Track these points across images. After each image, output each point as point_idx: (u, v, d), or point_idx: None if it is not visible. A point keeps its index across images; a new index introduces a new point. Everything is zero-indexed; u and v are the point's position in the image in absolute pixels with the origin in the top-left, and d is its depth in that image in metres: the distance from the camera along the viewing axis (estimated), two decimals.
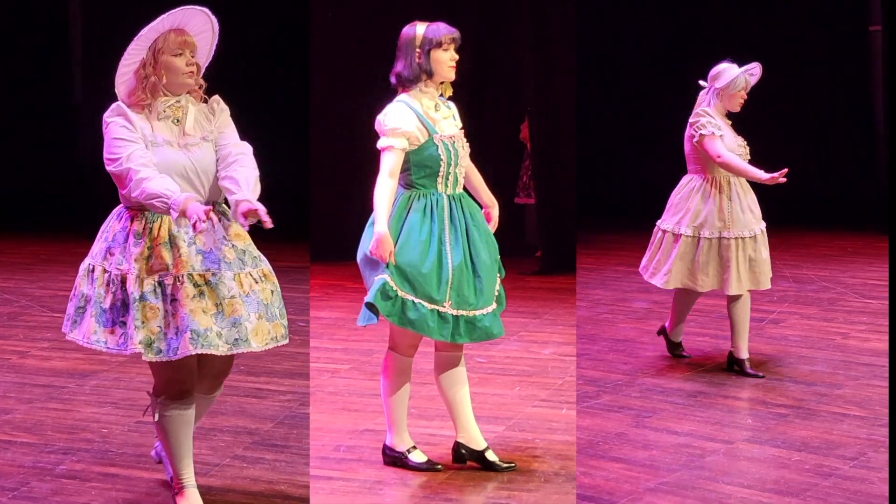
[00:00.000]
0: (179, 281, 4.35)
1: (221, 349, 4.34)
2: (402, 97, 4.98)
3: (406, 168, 4.96)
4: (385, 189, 4.87)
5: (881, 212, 13.02)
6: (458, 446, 5.14)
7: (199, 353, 4.31)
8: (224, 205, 4.55)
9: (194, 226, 4.13)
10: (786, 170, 6.19)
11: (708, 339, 7.47)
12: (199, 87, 4.55)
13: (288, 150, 11.73)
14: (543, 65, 10.30)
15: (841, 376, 6.59)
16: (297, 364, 6.65)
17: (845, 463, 5.16)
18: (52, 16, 13.36)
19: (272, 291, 4.52)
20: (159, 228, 4.40)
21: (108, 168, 4.41)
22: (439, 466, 5.14)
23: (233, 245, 4.46)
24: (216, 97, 4.60)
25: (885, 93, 13.27)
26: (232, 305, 4.37)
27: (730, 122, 6.59)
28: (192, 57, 4.47)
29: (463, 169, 5.07)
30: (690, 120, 6.55)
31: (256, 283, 4.47)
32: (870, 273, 10.13)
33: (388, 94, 5.05)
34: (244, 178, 4.35)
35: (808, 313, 8.12)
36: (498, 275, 5.11)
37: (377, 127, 4.96)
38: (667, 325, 7.04)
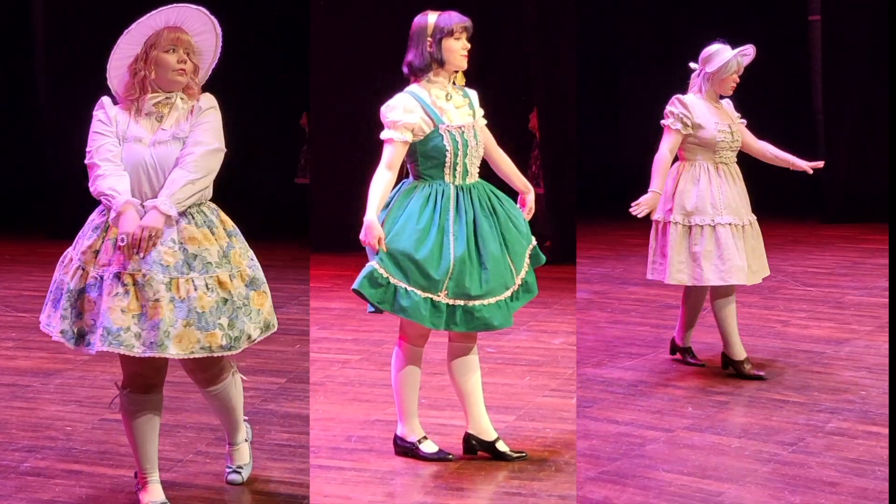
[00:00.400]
0: (108, 278, 4.32)
1: (136, 350, 4.28)
2: (410, 88, 4.98)
3: (413, 159, 4.97)
4: (381, 180, 4.88)
5: (827, 200, 13.17)
6: (468, 437, 5.15)
7: (111, 351, 4.27)
8: (205, 207, 4.53)
9: (118, 239, 4.23)
10: (645, 211, 6.08)
11: (649, 329, 7.48)
12: (195, 87, 4.54)
13: (289, 142, 11.77)
14: (550, 54, 10.30)
15: (780, 363, 6.62)
16: (259, 361, 6.63)
17: (784, 448, 5.18)
18: (15, 17, 13.31)
19: (222, 300, 4.42)
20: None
21: (88, 153, 4.46)
22: (450, 456, 5.15)
23: (183, 248, 4.39)
24: (206, 95, 4.58)
25: (823, 81, 13.38)
26: (155, 308, 4.29)
27: (719, 106, 6.35)
28: (186, 55, 4.47)
29: (476, 159, 5.05)
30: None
31: (197, 290, 4.37)
32: (810, 261, 10.24)
33: (387, 87, 5.05)
34: (170, 181, 4.38)
35: (749, 301, 8.12)
36: (527, 262, 5.10)
37: (381, 118, 4.96)
38: (675, 335, 6.71)
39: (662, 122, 6.27)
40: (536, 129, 10.59)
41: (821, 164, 6.44)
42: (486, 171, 5.19)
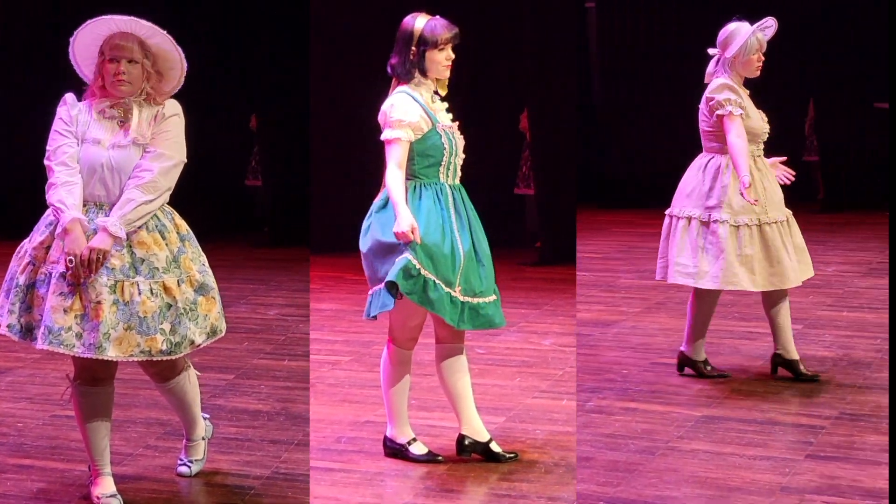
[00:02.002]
0: (54, 276, 4.37)
1: (76, 350, 4.33)
2: (403, 88, 4.99)
3: (410, 157, 4.97)
4: (398, 178, 4.88)
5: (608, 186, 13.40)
6: (462, 439, 5.14)
7: (50, 349, 4.32)
8: (158, 212, 4.53)
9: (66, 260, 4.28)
10: (756, 201, 5.80)
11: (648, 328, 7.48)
12: (150, 97, 4.53)
13: (288, 144, 11.75)
14: (543, 55, 10.30)
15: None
16: (208, 357, 6.63)
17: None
18: None
19: (166, 306, 4.46)
20: None
21: (47, 151, 4.49)
22: (440, 458, 5.15)
23: (131, 252, 4.43)
24: (171, 102, 4.59)
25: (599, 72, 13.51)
26: (96, 310, 4.33)
27: (748, 92, 6.04)
28: (131, 63, 4.46)
29: (461, 160, 5.08)
30: (707, 94, 5.98)
31: (141, 294, 4.40)
32: (588, 246, 10.61)
33: (388, 87, 5.05)
34: (123, 200, 4.40)
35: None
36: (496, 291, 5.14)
37: (381, 119, 4.96)
38: (682, 347, 6.34)
39: (720, 111, 5.87)
40: (527, 129, 10.59)
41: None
42: (469, 174, 5.21)
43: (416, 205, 4.91)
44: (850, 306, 7.99)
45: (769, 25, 5.98)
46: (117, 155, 4.45)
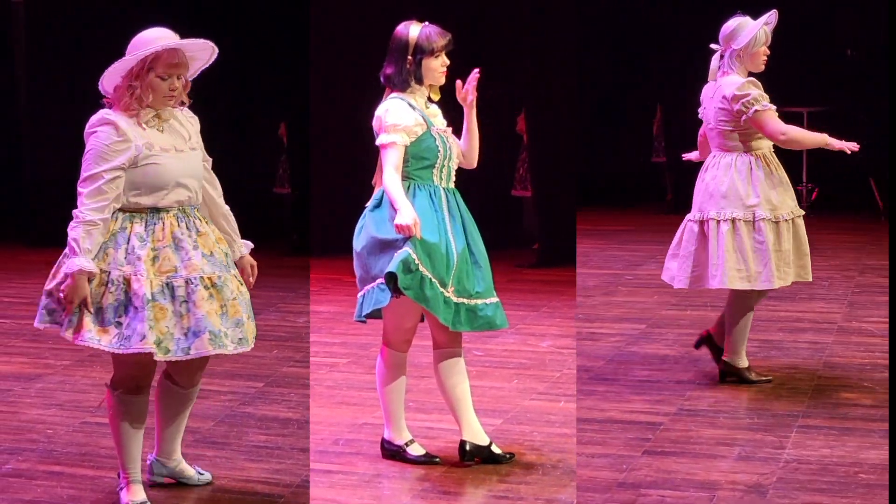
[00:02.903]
0: (192, 283, 4.44)
1: (229, 349, 4.46)
2: (395, 94, 5.02)
3: (404, 160, 4.98)
4: (396, 180, 4.90)
5: None
6: (463, 444, 5.12)
7: (214, 353, 4.42)
8: (197, 211, 4.62)
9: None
10: (856, 145, 5.81)
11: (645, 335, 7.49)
12: (182, 103, 4.62)
13: (287, 145, 11.76)
14: (540, 56, 10.31)
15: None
16: (237, 365, 6.64)
17: None
18: None
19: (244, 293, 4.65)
20: (162, 230, 4.47)
21: (82, 175, 4.41)
22: (437, 459, 5.16)
23: (218, 248, 4.60)
24: (188, 111, 4.67)
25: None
26: (234, 307, 4.51)
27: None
28: (179, 79, 4.50)
29: (455, 164, 5.10)
30: (734, 93, 5.89)
31: (241, 284, 4.64)
32: None
33: (384, 91, 5.06)
34: (232, 227, 4.78)
35: None
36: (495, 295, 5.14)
37: (376, 124, 4.98)
38: (725, 354, 6.21)
39: (757, 107, 5.84)
40: (524, 131, 10.60)
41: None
42: (466, 175, 5.21)
43: (412, 204, 4.92)
44: (693, 305, 8.04)
45: (772, 22, 5.97)
46: (187, 158, 4.55)
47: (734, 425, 5.57)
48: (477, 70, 5.05)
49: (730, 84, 5.94)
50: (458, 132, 5.16)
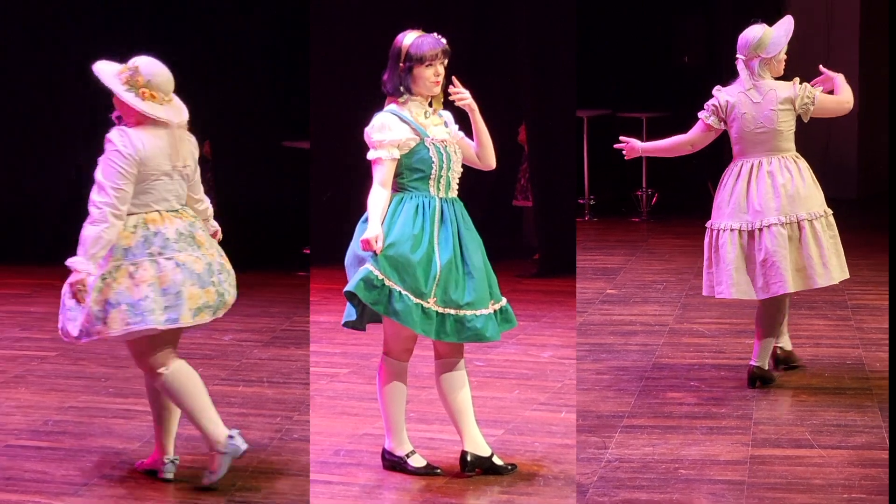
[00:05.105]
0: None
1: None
2: (389, 107, 5.05)
3: (398, 172, 5.02)
4: (378, 197, 4.96)
5: None
6: (465, 455, 5.11)
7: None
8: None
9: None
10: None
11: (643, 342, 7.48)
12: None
13: (287, 155, 11.74)
14: (541, 68, 10.31)
15: None
16: (238, 365, 6.62)
17: None
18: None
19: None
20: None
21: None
22: (438, 470, 5.14)
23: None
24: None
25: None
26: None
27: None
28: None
29: (456, 174, 5.11)
30: (786, 94, 6.06)
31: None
32: None
33: (384, 101, 5.08)
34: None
35: None
36: (504, 300, 5.15)
37: (366, 138, 5.02)
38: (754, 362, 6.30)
39: (816, 94, 6.08)
40: (525, 142, 10.60)
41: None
42: (467, 186, 5.22)
43: (395, 215, 4.96)
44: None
45: (792, 27, 6.13)
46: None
47: None
48: (452, 78, 5.06)
49: (784, 87, 6.12)
50: (470, 135, 5.18)
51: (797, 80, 6.15)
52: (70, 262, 4.70)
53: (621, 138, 6.48)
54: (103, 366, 7.00)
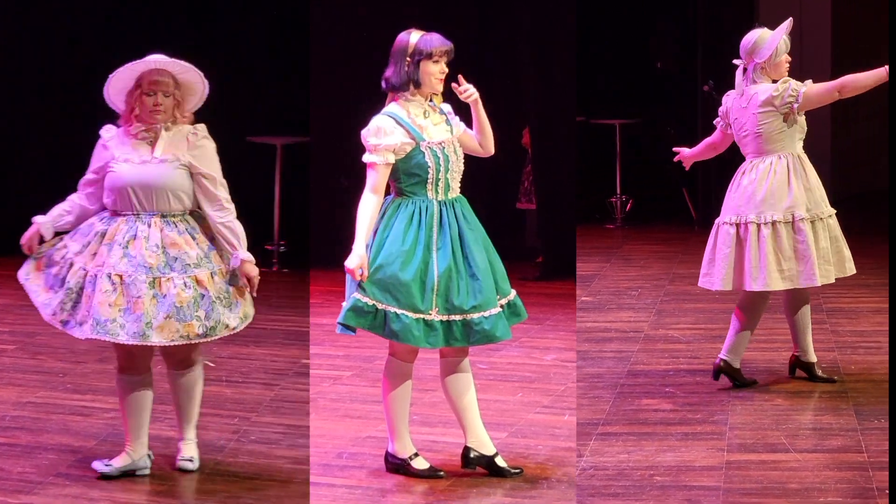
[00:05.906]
0: (99, 276, 4.97)
1: (121, 338, 4.91)
2: (388, 108, 5.04)
3: (395, 177, 5.02)
4: (367, 206, 4.97)
5: None
6: (467, 451, 5.12)
7: (97, 338, 4.92)
8: (188, 217, 5.16)
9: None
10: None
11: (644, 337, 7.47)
12: (176, 119, 5.16)
13: (288, 157, 11.73)
14: (543, 72, 10.30)
15: None
16: (238, 368, 6.61)
17: None
18: None
19: (199, 296, 5.00)
20: (116, 230, 5.08)
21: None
22: (442, 473, 5.13)
23: (165, 252, 5.02)
24: (200, 127, 5.22)
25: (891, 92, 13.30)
26: (136, 304, 4.93)
27: None
28: (166, 95, 5.10)
29: (457, 174, 5.10)
30: (767, 96, 6.02)
31: (176, 287, 4.96)
32: None
33: (385, 101, 5.07)
34: (236, 233, 5.13)
35: None
36: (513, 293, 5.14)
37: (362, 141, 5.00)
38: (795, 352, 6.37)
39: (801, 90, 6.00)
40: (528, 145, 10.59)
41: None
42: (471, 188, 5.21)
43: (388, 228, 4.97)
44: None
45: (789, 28, 6.10)
46: (148, 170, 5.08)
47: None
48: (458, 77, 5.07)
49: (764, 90, 6.08)
50: (470, 125, 5.19)
51: (783, 80, 6.08)
52: (247, 255, 5.12)
53: (674, 149, 6.64)
54: (61, 360, 7.03)
